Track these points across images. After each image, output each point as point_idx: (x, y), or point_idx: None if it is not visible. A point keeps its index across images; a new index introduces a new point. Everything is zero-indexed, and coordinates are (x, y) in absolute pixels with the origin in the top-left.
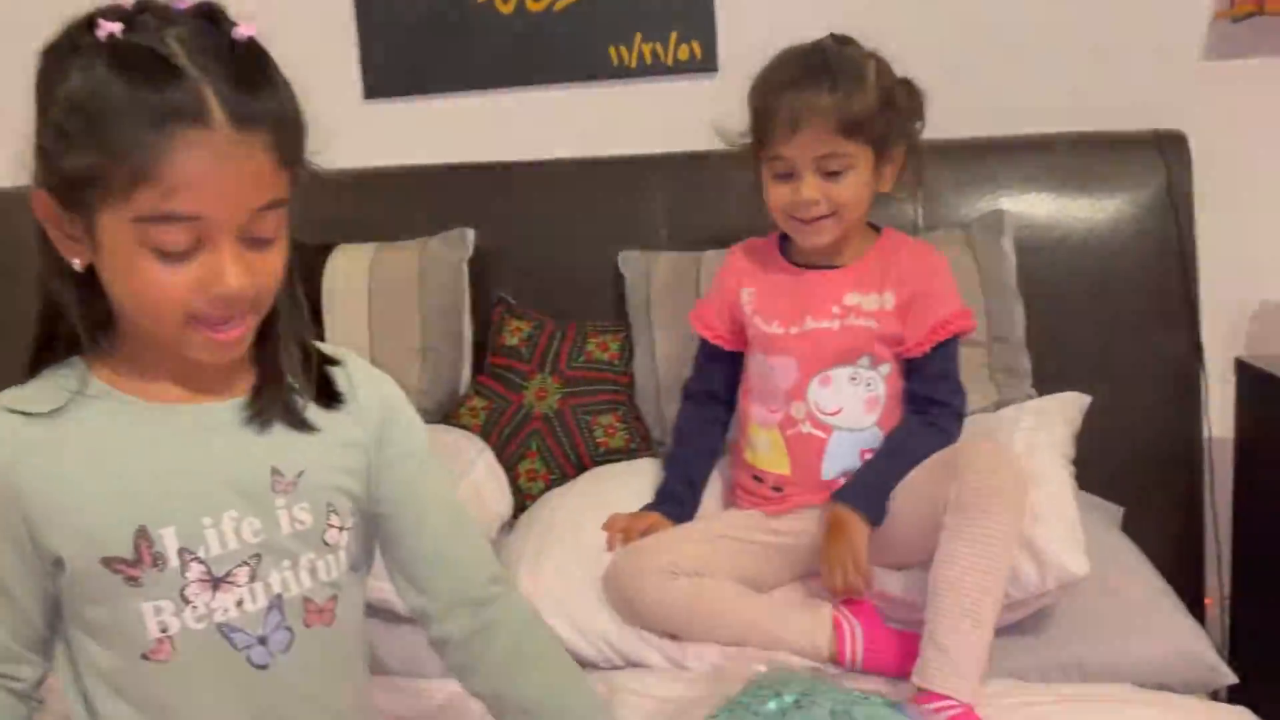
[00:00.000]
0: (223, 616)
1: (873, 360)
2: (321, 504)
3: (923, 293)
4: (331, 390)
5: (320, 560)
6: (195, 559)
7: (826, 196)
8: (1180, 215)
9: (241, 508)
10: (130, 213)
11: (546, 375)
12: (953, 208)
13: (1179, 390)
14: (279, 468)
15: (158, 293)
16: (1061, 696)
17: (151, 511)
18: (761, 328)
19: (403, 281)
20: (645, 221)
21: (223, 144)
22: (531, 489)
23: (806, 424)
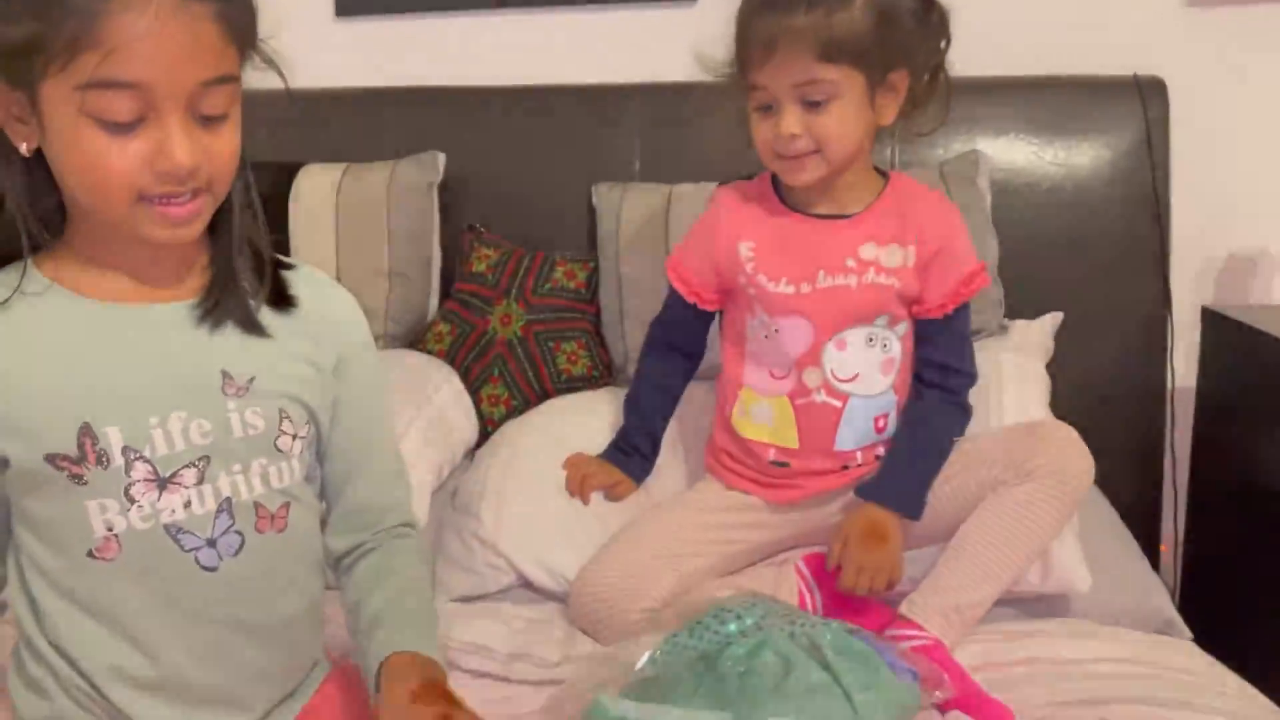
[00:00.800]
0: (169, 518)
1: (890, 320)
2: (274, 410)
3: (946, 249)
4: (285, 295)
5: (273, 466)
6: (140, 458)
7: (808, 130)
8: (1156, 162)
9: (190, 408)
10: (72, 80)
11: (512, 301)
12: (929, 146)
13: (1146, 337)
14: (229, 371)
15: (104, 168)
16: (1008, 633)
17: (96, 409)
18: (766, 286)
19: (371, 204)
20: (619, 152)
21: (166, 8)
22: (494, 414)
23: (821, 393)
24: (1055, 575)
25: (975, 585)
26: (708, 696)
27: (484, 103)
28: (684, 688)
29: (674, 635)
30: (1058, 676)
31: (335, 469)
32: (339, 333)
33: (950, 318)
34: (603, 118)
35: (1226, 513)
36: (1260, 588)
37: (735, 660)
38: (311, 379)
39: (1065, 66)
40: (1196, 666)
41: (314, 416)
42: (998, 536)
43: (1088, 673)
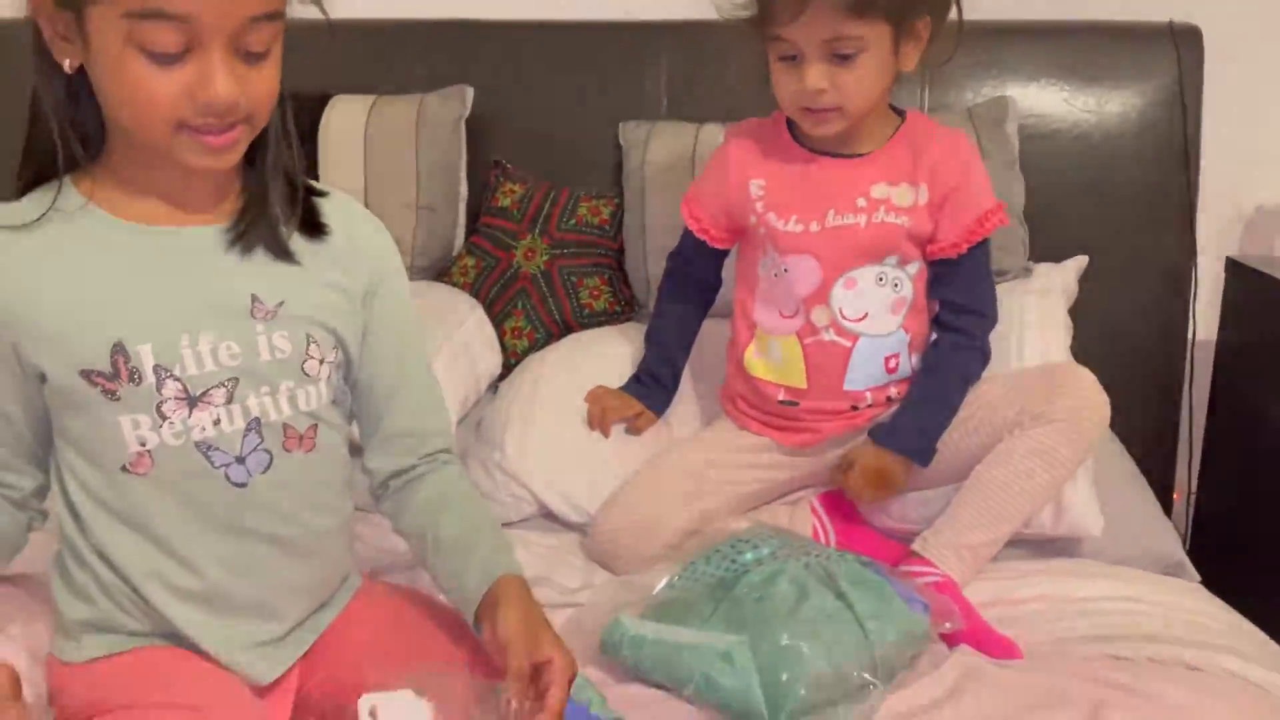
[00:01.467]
0: (200, 435)
1: (901, 259)
2: (301, 334)
3: (960, 188)
4: (316, 222)
5: (300, 390)
6: (171, 376)
7: (835, 84)
8: (1188, 111)
9: (220, 330)
10: (120, 8)
11: (536, 236)
12: (959, 90)
13: (1169, 286)
14: (258, 295)
15: (146, 96)
16: (1018, 571)
17: (129, 328)
18: (776, 225)
19: (399, 137)
20: (647, 90)
21: None
22: (517, 347)
23: (830, 331)
24: (1068, 518)
25: (988, 525)
26: (724, 620)
27: (513, 37)
28: (701, 611)
29: (692, 562)
30: (1065, 614)
31: (373, 395)
32: (370, 260)
33: (965, 258)
34: (631, 54)
35: (1241, 465)
36: (1271, 540)
37: (751, 587)
38: (340, 306)
39: (1099, 12)
40: (1204, 607)
41: (342, 342)
42: (1012, 478)
43: (1095, 610)
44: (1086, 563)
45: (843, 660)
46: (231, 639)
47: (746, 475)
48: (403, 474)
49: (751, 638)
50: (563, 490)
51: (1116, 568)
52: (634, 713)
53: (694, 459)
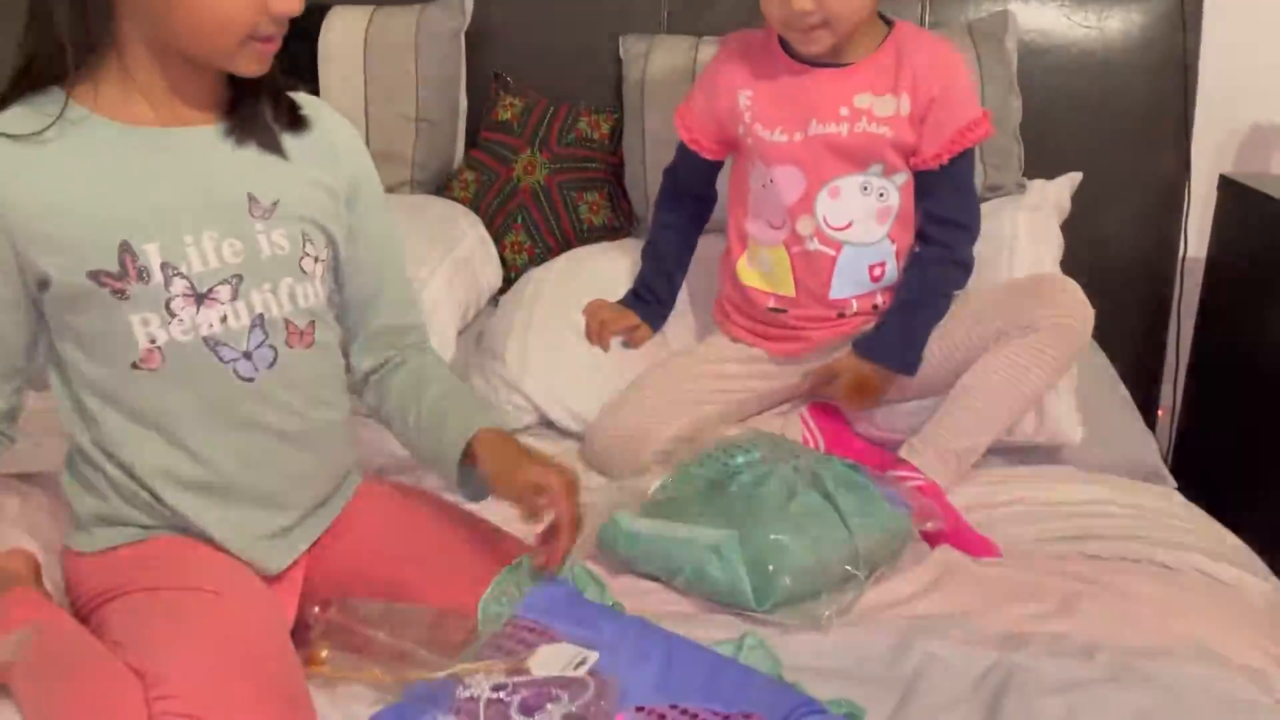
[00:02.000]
0: (208, 330)
1: (885, 168)
2: (297, 233)
3: (941, 98)
4: (298, 116)
5: (299, 286)
6: (178, 274)
7: (820, 4)
8: (1188, 29)
9: (222, 228)
10: None
11: (536, 150)
12: (960, 6)
13: (1163, 203)
14: (255, 194)
15: (224, 9)
16: (1000, 476)
17: (135, 228)
18: (762, 135)
19: (399, 49)
20: (647, 3)
21: None
22: (516, 261)
23: (814, 240)
24: (1049, 425)
25: (972, 431)
26: (715, 518)
27: None
28: (693, 509)
29: (684, 464)
30: (1042, 516)
31: (357, 293)
32: (348, 159)
33: (947, 169)
34: None
35: (1226, 382)
36: (1250, 454)
37: (741, 487)
38: (327, 205)
39: None
40: (1178, 511)
41: (332, 240)
42: (996, 386)
43: (1072, 512)
44: (1066, 469)
45: (827, 554)
46: (242, 530)
47: (738, 385)
48: (383, 366)
49: (741, 533)
50: (561, 399)
51: (1095, 474)
52: (630, 599)
53: (687, 369)
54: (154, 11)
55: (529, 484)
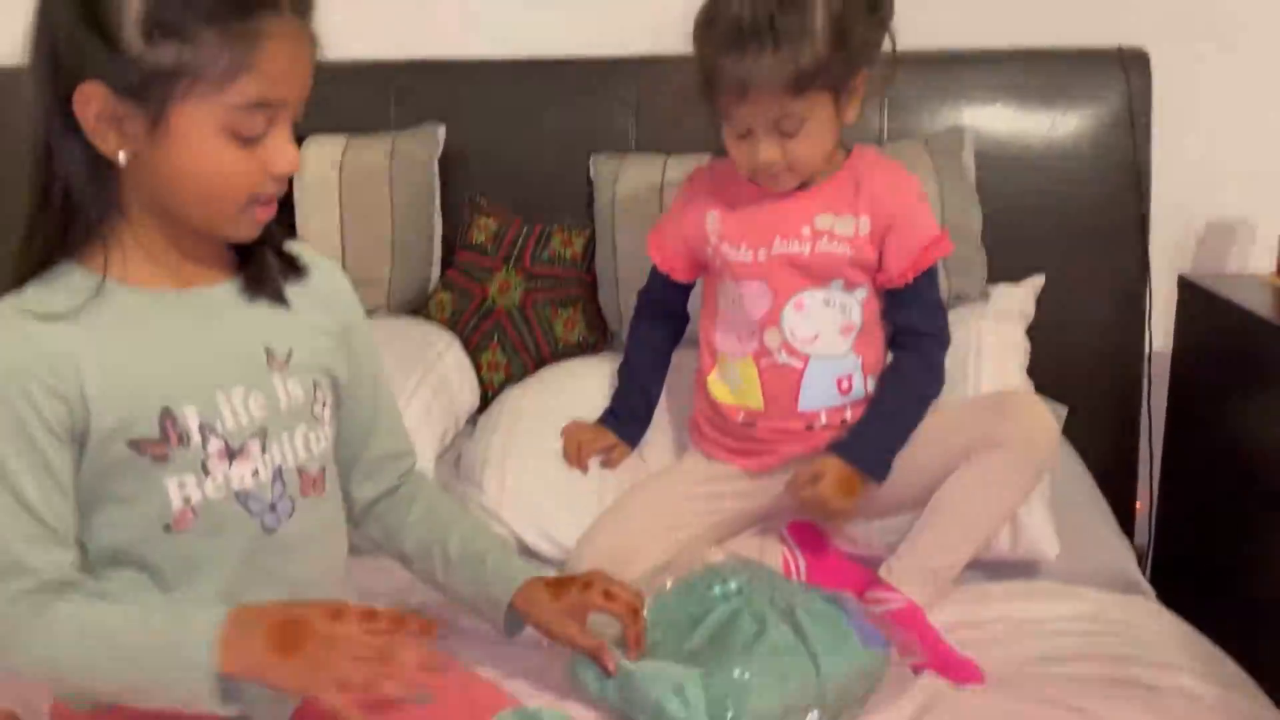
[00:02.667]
0: (239, 485)
1: (846, 284)
2: (309, 380)
3: (900, 219)
4: (297, 266)
5: (311, 433)
6: (214, 433)
7: (785, 153)
8: (1138, 133)
9: (248, 383)
10: (224, 101)
11: (511, 269)
12: (916, 117)
13: (1125, 302)
14: (271, 347)
15: (230, 175)
16: (979, 594)
17: (173, 392)
18: (728, 253)
19: (374, 176)
20: (616, 123)
21: (296, 30)
22: (494, 380)
23: (782, 353)
24: (1024, 541)
25: (949, 549)
26: (686, 653)
27: (484, 74)
28: (668, 644)
29: (661, 597)
30: (1025, 635)
31: (355, 427)
32: (341, 302)
33: (914, 285)
34: (600, 89)
35: (1200, 474)
36: (1228, 546)
37: (716, 621)
38: (331, 349)
39: (1050, 38)
40: (1161, 626)
41: (335, 383)
42: (969, 502)
43: (1054, 631)
44: (1045, 583)
45: (792, 693)
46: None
47: (715, 505)
48: (387, 495)
49: (708, 669)
50: (540, 526)
51: (1074, 587)
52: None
53: (665, 491)
54: (157, 180)
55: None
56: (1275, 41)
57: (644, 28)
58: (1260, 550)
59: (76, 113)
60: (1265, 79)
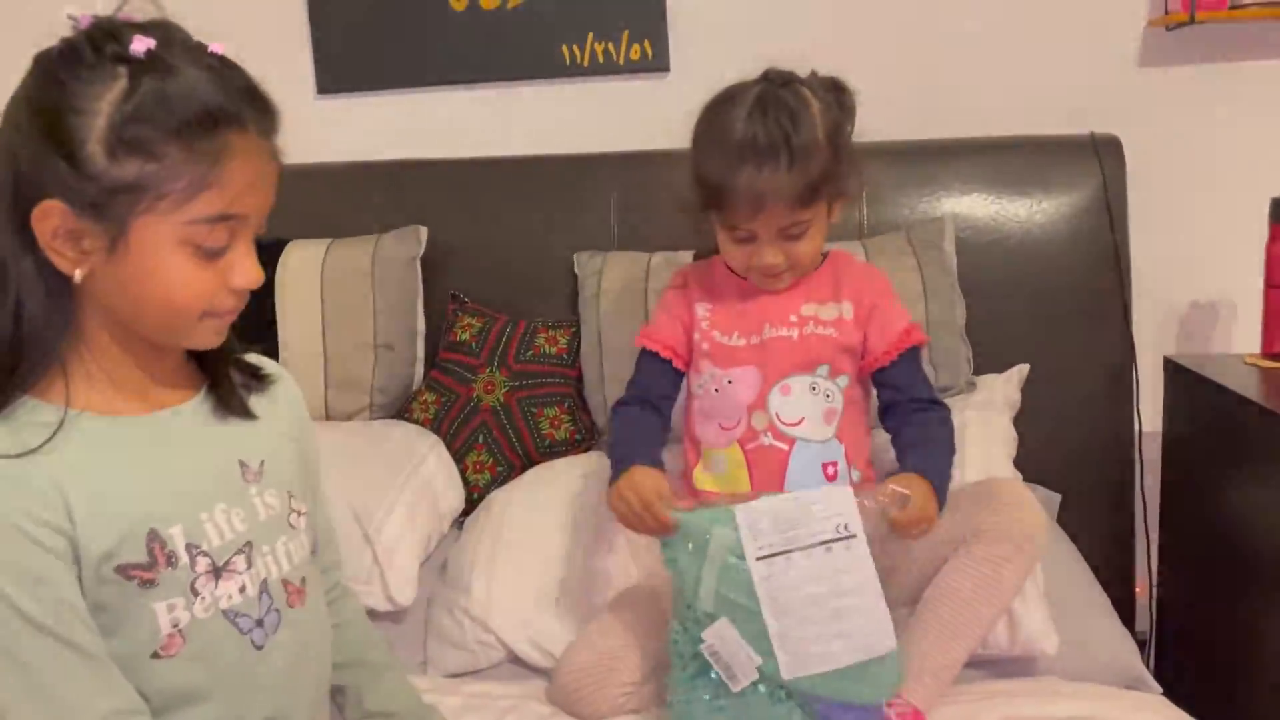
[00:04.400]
0: (227, 603)
1: (831, 370)
2: (284, 490)
3: (880, 305)
4: (260, 375)
5: (291, 543)
6: (201, 552)
7: (788, 255)
8: (1115, 217)
9: (228, 500)
10: (185, 216)
11: (495, 369)
12: (895, 208)
13: (1112, 386)
14: (244, 460)
15: (189, 289)
16: (980, 693)
17: (157, 514)
18: (720, 341)
19: (356, 278)
20: (597, 219)
21: (259, 148)
22: (479, 481)
23: (768, 435)
24: (1023, 637)
25: (946, 647)
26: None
27: (465, 174)
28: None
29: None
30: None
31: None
32: (294, 408)
33: (904, 363)
34: (581, 187)
35: (1198, 556)
36: (1229, 628)
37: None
38: (296, 456)
39: (1025, 127)
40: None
41: (304, 492)
42: (962, 597)
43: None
44: (1048, 681)
45: None
46: None
47: None
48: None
49: None
50: (529, 634)
51: (1077, 685)
52: None
53: (646, 597)
54: (114, 295)
55: None
56: (1245, 121)
57: (624, 125)
58: (1262, 632)
59: (34, 229)
60: (1238, 160)
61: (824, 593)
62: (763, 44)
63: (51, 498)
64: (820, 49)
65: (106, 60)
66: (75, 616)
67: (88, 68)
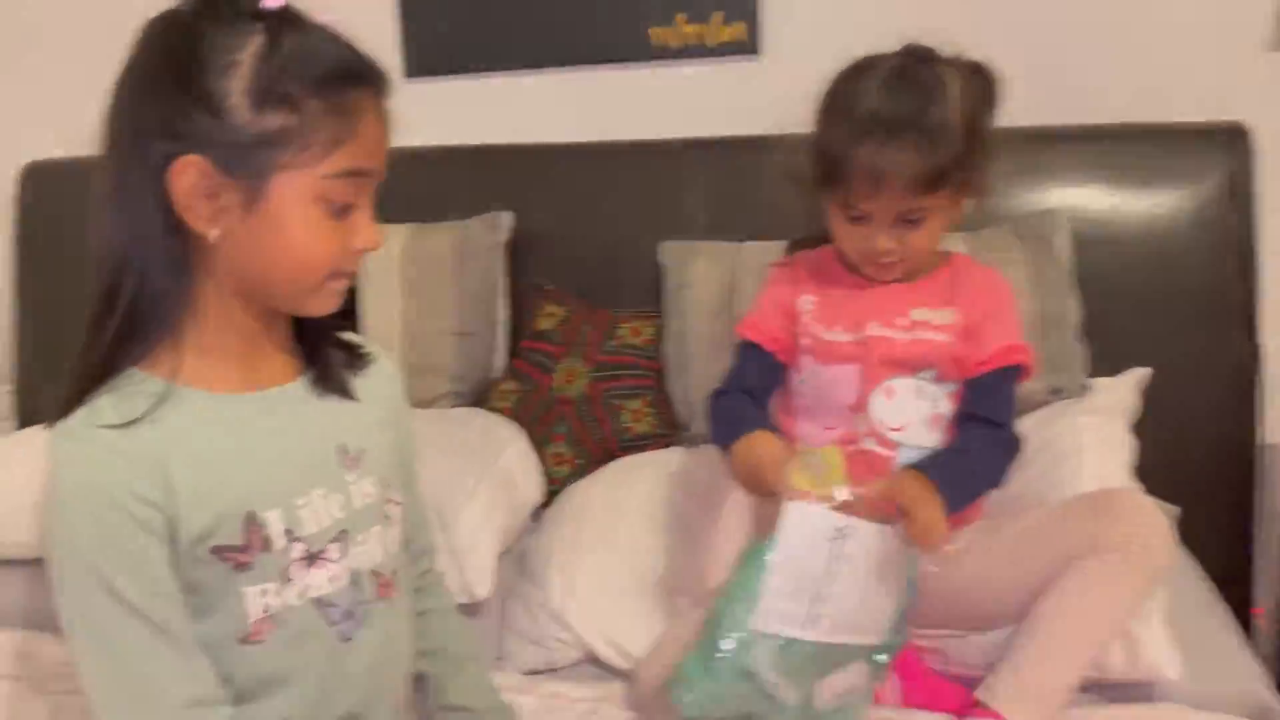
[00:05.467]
0: (317, 592)
1: (938, 375)
2: (379, 479)
3: (991, 315)
4: (359, 355)
5: (386, 533)
6: (296, 538)
7: (902, 243)
8: (1241, 211)
9: (326, 485)
10: (322, 170)
11: (576, 359)
12: (1003, 199)
13: (1235, 392)
14: (344, 445)
15: (319, 247)
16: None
17: (256, 497)
18: (821, 335)
19: (439, 263)
20: (685, 207)
21: (382, 108)
22: (558, 473)
23: (870, 440)
24: (1143, 660)
25: (1054, 666)
26: None
27: (552, 160)
28: None
29: None
30: None
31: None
32: (393, 390)
33: (990, 377)
34: (669, 174)
35: None
36: None
37: None
38: (391, 445)
39: (1146, 114)
40: None
41: (398, 482)
42: (1074, 614)
43: None
44: (1171, 708)
45: None
46: None
47: None
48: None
49: None
50: (608, 633)
51: (1201, 714)
52: None
53: None
54: (244, 255)
55: None
56: None
57: (714, 110)
58: None
59: (170, 187)
60: None
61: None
62: (861, 26)
63: (154, 472)
64: (923, 30)
65: (244, 15)
66: (167, 599)
67: (227, 22)
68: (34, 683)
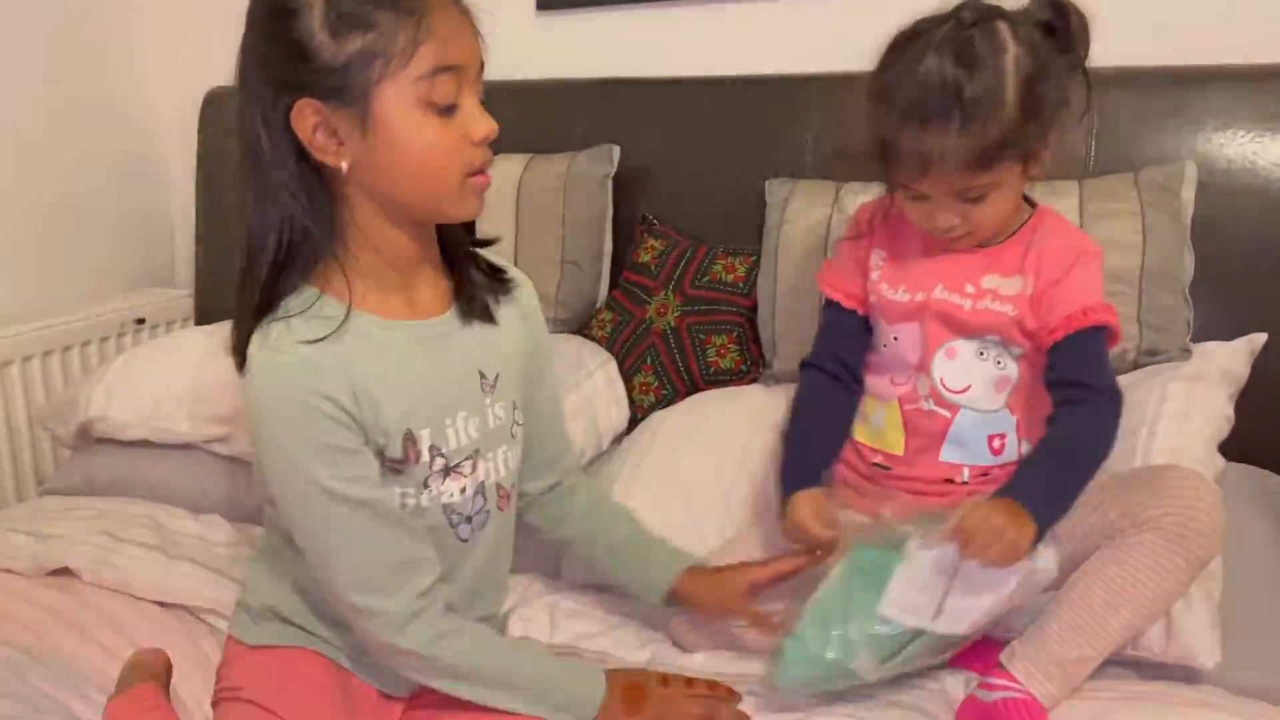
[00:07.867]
0: (447, 499)
1: (1004, 340)
2: (510, 402)
3: (1059, 282)
4: (504, 280)
5: (510, 451)
6: (439, 454)
7: (966, 218)
8: None
9: (469, 408)
10: (413, 73)
11: (670, 292)
12: (1130, 144)
13: None
14: (484, 371)
15: (439, 148)
16: (1123, 695)
17: (414, 417)
18: (886, 294)
19: (548, 194)
20: (793, 145)
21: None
22: (643, 401)
23: (929, 400)
24: (1180, 643)
25: (1079, 640)
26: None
27: (662, 94)
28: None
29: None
30: None
31: (533, 428)
32: (534, 314)
33: (1077, 339)
34: (780, 110)
35: None
36: None
37: None
38: (524, 370)
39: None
40: None
41: (524, 404)
42: (1108, 590)
43: None
44: (1203, 691)
45: None
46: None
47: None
48: (552, 489)
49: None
50: None
51: (1239, 701)
52: None
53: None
54: (377, 177)
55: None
56: None
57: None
58: None
59: (298, 133)
60: None
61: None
62: None
63: (344, 383)
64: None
65: None
66: (371, 483)
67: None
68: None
